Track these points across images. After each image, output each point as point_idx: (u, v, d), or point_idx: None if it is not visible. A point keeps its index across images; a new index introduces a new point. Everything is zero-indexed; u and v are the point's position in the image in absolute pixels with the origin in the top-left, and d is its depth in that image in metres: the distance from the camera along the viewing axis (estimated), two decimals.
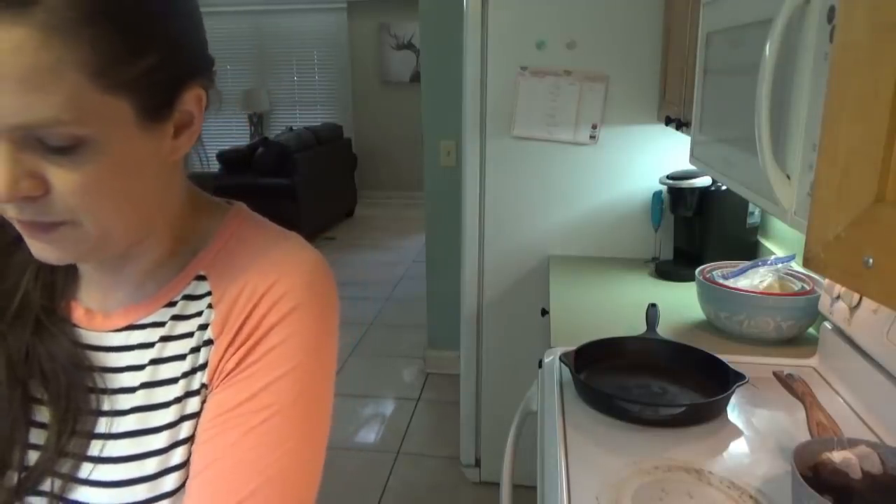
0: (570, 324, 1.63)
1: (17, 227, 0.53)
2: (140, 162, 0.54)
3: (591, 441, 1.09)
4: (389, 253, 5.42)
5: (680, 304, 1.69)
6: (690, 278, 1.61)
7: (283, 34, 7.10)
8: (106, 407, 0.60)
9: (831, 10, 0.67)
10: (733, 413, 1.17)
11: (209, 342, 0.60)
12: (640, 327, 1.39)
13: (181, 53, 0.54)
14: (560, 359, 1.27)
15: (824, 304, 1.30)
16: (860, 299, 1.17)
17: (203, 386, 0.60)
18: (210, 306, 0.61)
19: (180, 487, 0.58)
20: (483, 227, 2.24)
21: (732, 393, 1.16)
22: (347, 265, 5.06)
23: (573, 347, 1.29)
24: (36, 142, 0.48)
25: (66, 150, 0.49)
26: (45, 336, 0.61)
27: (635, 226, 2.16)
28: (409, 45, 6.84)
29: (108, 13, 0.48)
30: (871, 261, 0.45)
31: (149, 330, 0.62)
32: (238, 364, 0.59)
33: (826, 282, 1.33)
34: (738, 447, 1.07)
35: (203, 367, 0.60)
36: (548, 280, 2.00)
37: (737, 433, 1.11)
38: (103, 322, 0.62)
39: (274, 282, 0.60)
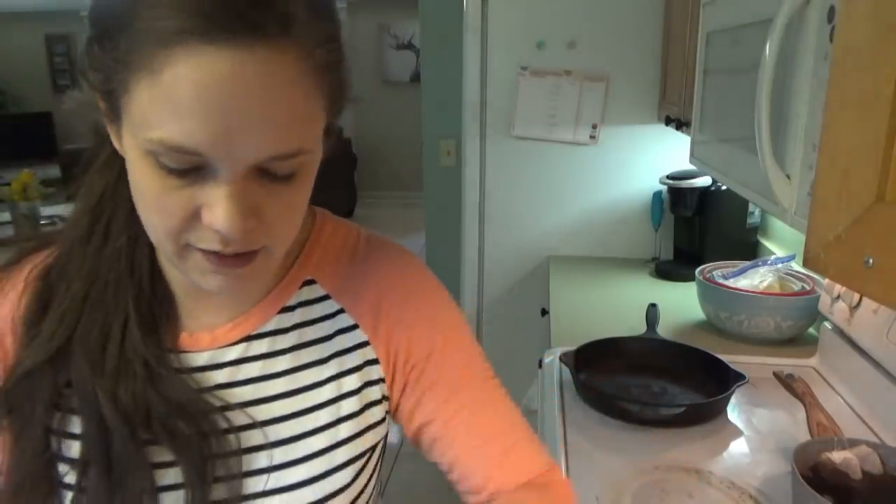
0: (570, 324, 1.63)
1: (201, 261, 0.50)
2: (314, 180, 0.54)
3: (591, 441, 1.09)
4: None
5: (680, 304, 1.68)
6: (690, 278, 1.61)
7: None
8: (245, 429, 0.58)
9: (831, 10, 0.67)
10: (733, 413, 1.17)
11: (364, 344, 0.63)
12: (640, 327, 1.39)
13: None
14: (560, 359, 1.27)
15: (824, 304, 1.30)
16: (860, 299, 1.17)
17: (377, 381, 0.63)
18: (342, 311, 0.63)
19: (349, 484, 0.60)
20: (483, 227, 2.24)
21: (732, 393, 1.16)
22: None
23: (573, 347, 1.29)
24: (258, 173, 0.47)
25: (288, 178, 0.48)
26: (160, 384, 0.56)
27: (635, 226, 2.16)
28: (409, 45, 6.83)
29: (340, 44, 0.49)
30: (871, 261, 0.45)
31: (270, 339, 0.60)
32: (422, 373, 0.63)
33: (826, 282, 1.33)
34: (738, 447, 1.07)
35: (358, 368, 0.62)
36: (548, 280, 2.00)
37: (737, 433, 1.11)
38: (212, 340, 0.60)
39: (411, 301, 0.64)
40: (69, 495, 0.56)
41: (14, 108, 6.73)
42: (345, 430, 0.61)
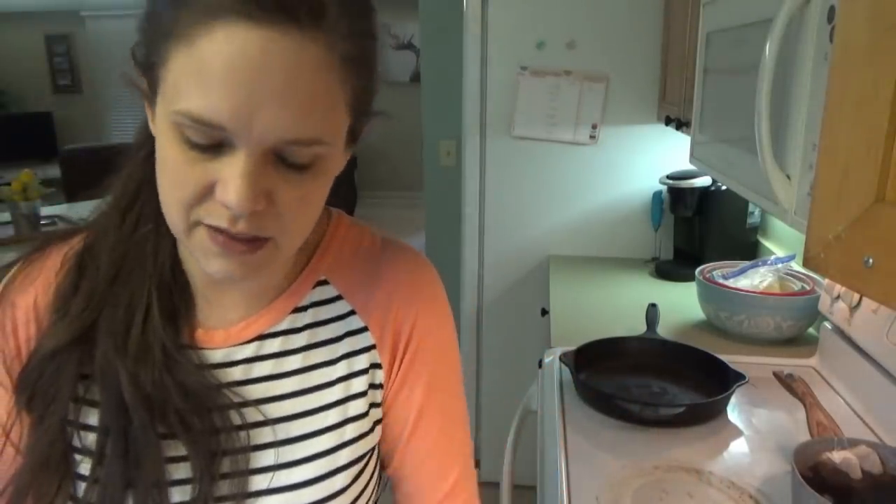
0: (570, 324, 1.63)
1: (206, 239, 0.50)
2: (332, 181, 0.56)
3: (591, 441, 1.09)
4: None
5: (680, 304, 1.68)
6: (690, 278, 1.61)
7: None
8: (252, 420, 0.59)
9: (831, 10, 0.67)
10: (733, 413, 1.17)
11: (371, 347, 0.63)
12: (640, 327, 1.39)
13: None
14: (560, 359, 1.27)
15: (824, 304, 1.30)
16: (860, 299, 1.17)
17: (378, 385, 0.64)
18: (353, 312, 0.63)
19: (349, 486, 0.61)
20: (483, 227, 2.24)
21: (732, 393, 1.16)
22: None
23: (573, 347, 1.29)
24: (276, 158, 0.49)
25: (303, 168, 0.50)
26: (177, 372, 0.57)
27: (635, 226, 2.16)
28: (409, 45, 6.83)
29: (371, 44, 0.53)
30: (871, 261, 0.45)
31: (282, 338, 0.61)
32: (409, 370, 0.65)
33: (826, 282, 1.33)
34: (738, 447, 1.07)
35: (365, 371, 0.63)
36: (548, 280, 2.00)
37: (737, 433, 1.11)
38: (226, 338, 0.61)
39: (417, 303, 0.65)
40: (82, 486, 0.56)
41: (14, 108, 6.72)
42: (350, 431, 0.61)
